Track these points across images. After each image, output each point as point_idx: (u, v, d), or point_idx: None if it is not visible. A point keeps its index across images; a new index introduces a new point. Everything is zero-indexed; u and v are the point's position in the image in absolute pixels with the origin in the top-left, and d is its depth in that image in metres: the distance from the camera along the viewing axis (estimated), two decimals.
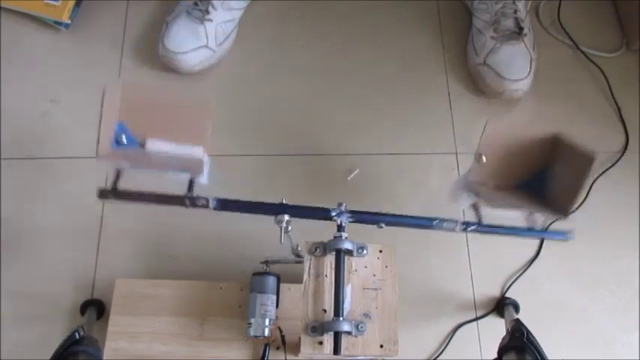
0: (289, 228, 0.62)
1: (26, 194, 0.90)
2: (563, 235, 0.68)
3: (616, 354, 0.83)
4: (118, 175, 0.61)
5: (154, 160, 0.60)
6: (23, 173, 0.91)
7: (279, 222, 0.62)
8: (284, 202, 0.63)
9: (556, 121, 0.97)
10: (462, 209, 0.68)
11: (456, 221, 0.64)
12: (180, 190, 0.60)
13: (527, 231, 0.66)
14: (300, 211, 0.62)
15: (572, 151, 0.63)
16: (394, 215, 0.64)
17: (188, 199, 0.58)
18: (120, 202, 0.60)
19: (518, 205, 0.66)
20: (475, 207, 0.67)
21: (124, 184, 0.60)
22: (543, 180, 0.65)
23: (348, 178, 0.89)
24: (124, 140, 0.60)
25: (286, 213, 0.62)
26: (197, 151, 0.59)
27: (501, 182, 0.67)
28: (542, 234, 0.71)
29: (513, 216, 0.65)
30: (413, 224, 0.64)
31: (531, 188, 0.66)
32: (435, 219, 0.63)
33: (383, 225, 0.63)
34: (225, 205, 0.60)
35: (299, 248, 0.69)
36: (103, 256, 0.86)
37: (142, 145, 0.61)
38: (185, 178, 0.60)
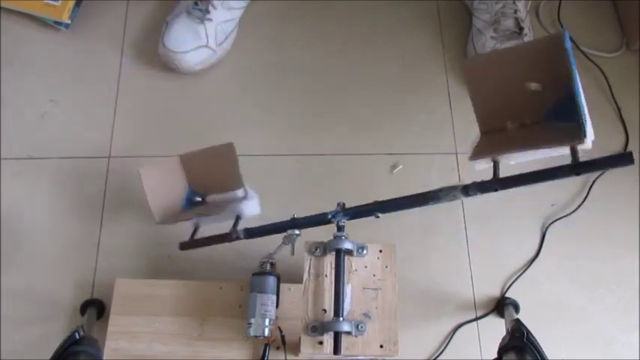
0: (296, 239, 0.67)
1: (26, 194, 0.90)
2: (629, 158, 0.49)
3: (616, 354, 0.83)
4: (195, 229, 0.75)
5: (213, 210, 0.73)
6: (23, 173, 0.91)
7: (290, 236, 0.66)
8: (295, 216, 0.67)
9: None
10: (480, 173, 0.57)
11: (456, 186, 0.56)
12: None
13: (576, 167, 0.50)
14: (306, 222, 0.65)
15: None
16: (388, 201, 0.61)
17: (229, 236, 0.70)
18: (193, 249, 0.75)
19: (543, 143, 0.53)
20: (495, 161, 0.56)
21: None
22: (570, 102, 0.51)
23: (394, 171, 0.90)
24: (198, 199, 0.77)
25: (296, 227, 0.66)
26: (239, 192, 0.73)
27: (524, 118, 0.55)
28: (602, 165, 0.51)
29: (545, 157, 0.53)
30: (410, 205, 0.60)
31: (562, 116, 0.53)
32: (431, 191, 0.57)
33: (379, 215, 0.62)
34: (251, 233, 0.69)
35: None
36: (103, 256, 0.86)
37: (204, 200, 0.77)
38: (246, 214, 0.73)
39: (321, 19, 1.04)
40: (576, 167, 0.50)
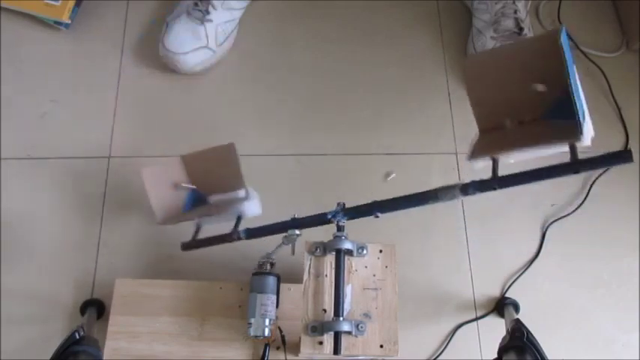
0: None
1: (26, 194, 0.90)
2: (628, 156, 0.49)
3: (616, 354, 0.83)
4: (197, 230, 0.75)
5: (214, 211, 0.74)
6: (23, 173, 0.91)
7: (291, 236, 0.65)
8: (295, 217, 0.66)
9: None
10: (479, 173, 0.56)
11: (455, 186, 0.56)
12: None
13: (577, 165, 0.49)
14: (306, 222, 0.65)
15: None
16: (387, 201, 0.60)
17: (230, 236, 0.70)
18: (195, 249, 0.75)
19: (541, 141, 0.52)
20: (494, 160, 0.55)
21: None
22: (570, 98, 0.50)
23: (388, 179, 0.91)
24: (199, 199, 0.77)
25: (296, 227, 0.65)
26: (240, 193, 0.73)
27: (523, 116, 0.54)
28: (600, 163, 0.50)
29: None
30: (409, 205, 0.59)
31: (561, 114, 0.52)
32: (430, 191, 0.57)
33: (379, 215, 0.61)
34: (252, 233, 0.69)
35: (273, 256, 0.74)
36: (103, 256, 0.86)
37: (205, 200, 0.77)
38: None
39: (321, 20, 1.04)
40: (575, 165, 0.49)
